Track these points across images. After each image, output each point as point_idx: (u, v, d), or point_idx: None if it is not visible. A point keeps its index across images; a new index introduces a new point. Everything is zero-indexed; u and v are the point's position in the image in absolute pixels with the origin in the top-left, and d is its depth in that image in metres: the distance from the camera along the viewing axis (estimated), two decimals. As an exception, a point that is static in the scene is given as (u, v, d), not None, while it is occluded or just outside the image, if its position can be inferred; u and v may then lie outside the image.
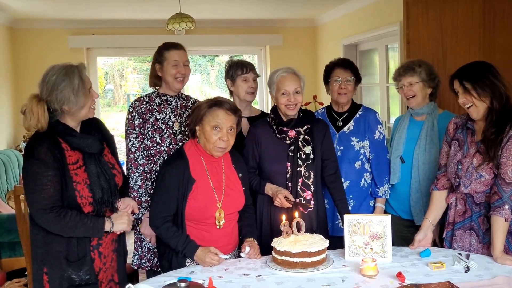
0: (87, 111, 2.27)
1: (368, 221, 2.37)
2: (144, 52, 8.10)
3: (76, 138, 2.24)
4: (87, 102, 2.24)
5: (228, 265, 2.33)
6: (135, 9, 6.20)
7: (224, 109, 2.43)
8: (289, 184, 2.70)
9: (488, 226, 2.37)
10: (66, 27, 6.94)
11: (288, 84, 2.69)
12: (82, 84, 2.21)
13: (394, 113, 5.88)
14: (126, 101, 16.14)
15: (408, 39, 3.44)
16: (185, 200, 2.41)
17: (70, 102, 2.18)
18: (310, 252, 2.20)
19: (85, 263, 2.26)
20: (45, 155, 2.15)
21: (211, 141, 2.41)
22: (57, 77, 2.19)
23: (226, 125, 2.42)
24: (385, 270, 2.20)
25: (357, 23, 6.23)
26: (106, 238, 2.32)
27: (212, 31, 7.30)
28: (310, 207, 2.69)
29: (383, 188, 3.00)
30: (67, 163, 2.20)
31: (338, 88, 3.02)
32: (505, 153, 2.28)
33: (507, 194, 2.26)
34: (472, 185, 2.37)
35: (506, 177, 2.26)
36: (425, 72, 2.91)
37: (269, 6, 6.29)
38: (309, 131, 2.75)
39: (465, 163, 2.39)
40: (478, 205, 2.41)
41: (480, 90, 2.31)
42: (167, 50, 2.92)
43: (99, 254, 2.30)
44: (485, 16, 3.48)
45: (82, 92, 2.20)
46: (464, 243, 2.46)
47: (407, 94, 2.93)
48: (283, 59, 7.25)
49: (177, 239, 2.38)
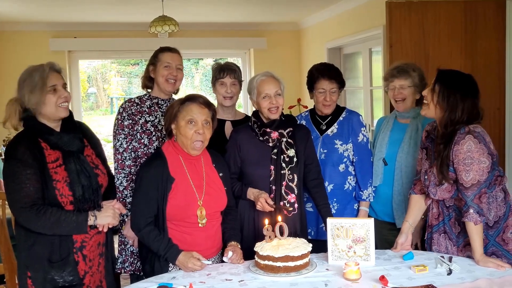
0: (53, 109, 2.25)
1: (351, 224, 2.36)
2: (127, 55, 8.06)
3: (54, 137, 2.26)
4: (46, 101, 2.22)
5: (211, 270, 2.31)
6: (118, 12, 6.15)
7: (197, 103, 2.42)
8: (273, 187, 2.68)
9: (459, 230, 2.39)
10: (48, 29, 6.86)
11: (268, 87, 2.69)
12: (42, 82, 2.21)
13: (378, 116, 5.91)
14: (109, 104, 16.00)
15: (391, 42, 3.46)
16: (165, 200, 2.38)
17: (26, 99, 2.22)
18: (293, 256, 2.19)
19: (68, 264, 2.24)
20: (23, 155, 2.16)
21: (187, 136, 2.39)
22: (22, 75, 2.26)
23: (200, 118, 2.40)
24: (368, 274, 2.19)
25: (341, 27, 6.26)
26: (90, 241, 2.30)
27: (196, 34, 7.27)
28: (293, 211, 2.68)
29: (366, 191, 3.00)
30: (46, 161, 2.21)
31: (323, 100, 3.00)
32: (454, 159, 2.29)
33: (469, 198, 2.27)
34: (438, 193, 2.40)
35: (463, 182, 2.28)
36: (418, 77, 2.90)
37: (254, 9, 6.29)
38: (292, 135, 2.74)
39: (429, 173, 2.41)
40: (448, 208, 2.43)
41: (441, 98, 2.33)
42: (162, 52, 2.97)
43: (84, 257, 2.29)
44: (467, 20, 3.52)
45: (39, 89, 2.21)
46: (440, 246, 2.48)
47: (397, 97, 2.92)
48: (267, 63, 7.26)
49: (159, 243, 2.35)
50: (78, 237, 2.27)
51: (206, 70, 16.05)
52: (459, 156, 2.28)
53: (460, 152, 2.27)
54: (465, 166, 2.27)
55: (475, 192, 2.27)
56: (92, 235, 2.32)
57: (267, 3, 5.96)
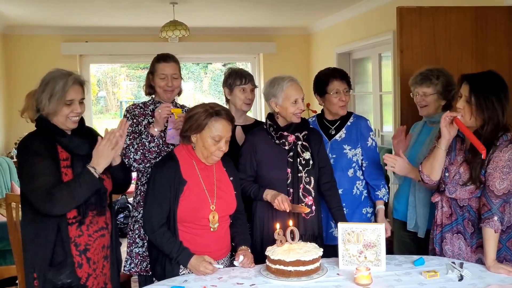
0: (63, 120, 2.28)
1: (362, 229, 2.36)
2: (137, 59, 8.11)
3: (66, 139, 2.29)
4: (59, 111, 2.25)
5: (222, 274, 2.32)
6: (129, 16, 6.20)
7: (224, 120, 2.42)
8: (290, 190, 2.70)
9: (473, 230, 2.39)
10: (59, 33, 6.94)
11: (297, 92, 2.70)
12: (61, 93, 2.23)
13: (387, 121, 5.91)
14: (118, 108, 16.09)
15: (402, 47, 3.46)
16: (176, 202, 2.39)
17: (43, 104, 2.24)
18: (304, 260, 2.19)
19: (65, 267, 2.24)
20: (39, 147, 2.20)
21: (210, 150, 2.41)
22: (47, 77, 2.27)
23: (226, 136, 2.42)
24: (379, 279, 2.20)
25: (350, 32, 6.27)
26: (94, 243, 2.32)
27: (205, 39, 7.31)
28: (311, 213, 2.70)
29: (381, 192, 3.01)
30: (59, 158, 2.24)
31: (339, 101, 2.98)
32: (492, 164, 2.28)
33: (496, 206, 2.27)
34: (458, 192, 2.38)
35: (494, 189, 2.27)
36: (442, 85, 2.87)
37: (263, 14, 6.32)
38: (307, 138, 2.78)
39: (451, 170, 2.40)
40: (461, 208, 2.42)
41: (479, 108, 2.29)
42: (158, 62, 2.99)
43: (87, 259, 2.30)
44: (477, 25, 3.51)
45: (57, 100, 2.23)
46: (453, 246, 2.47)
47: (420, 104, 2.93)
48: (276, 67, 7.28)
49: (171, 246, 2.36)
50: (81, 240, 2.28)
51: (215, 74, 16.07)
52: (498, 163, 2.26)
53: (501, 159, 2.26)
54: (502, 174, 2.26)
55: (502, 200, 2.27)
56: (96, 237, 2.33)
57: (276, 8, 5.98)
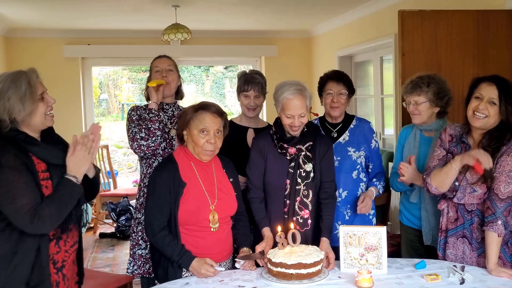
0: (42, 118, 2.11)
1: (363, 232, 2.37)
2: (139, 62, 8.12)
3: (41, 148, 2.10)
4: (35, 109, 2.07)
5: (223, 276, 2.32)
6: (131, 19, 6.21)
7: (210, 112, 2.44)
8: (287, 202, 2.67)
9: (482, 236, 2.37)
10: (62, 36, 6.95)
11: (293, 108, 2.56)
12: (30, 90, 2.06)
13: (389, 124, 5.91)
14: (120, 110, 16.13)
15: (403, 51, 3.46)
16: (177, 205, 2.40)
17: (17, 110, 2.03)
18: (306, 263, 2.19)
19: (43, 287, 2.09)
20: (15, 161, 1.99)
21: (199, 144, 2.42)
22: (3, 84, 2.05)
23: (213, 128, 2.43)
24: (380, 282, 2.20)
25: (352, 35, 6.28)
26: (69, 259, 2.19)
27: (207, 42, 7.33)
28: (306, 226, 2.65)
29: (380, 183, 3.02)
30: (36, 170, 2.05)
31: (330, 102, 3.02)
32: (498, 168, 2.29)
33: (500, 210, 2.27)
34: (466, 198, 2.38)
35: (499, 193, 2.27)
36: (433, 92, 2.82)
37: (265, 17, 6.33)
38: (311, 148, 2.69)
39: (460, 178, 2.40)
40: (469, 213, 2.42)
41: (503, 113, 2.30)
42: (152, 62, 3.12)
43: (63, 277, 2.16)
44: (479, 28, 3.52)
45: (30, 98, 2.05)
46: (457, 250, 2.47)
47: (413, 112, 2.89)
48: (278, 70, 7.29)
49: (172, 249, 2.36)
50: (59, 257, 2.14)
51: (217, 77, 16.11)
52: (505, 167, 2.27)
53: (508, 163, 2.27)
54: (508, 178, 2.27)
55: (507, 204, 2.27)
56: (71, 253, 2.20)
57: (278, 11, 5.99)
